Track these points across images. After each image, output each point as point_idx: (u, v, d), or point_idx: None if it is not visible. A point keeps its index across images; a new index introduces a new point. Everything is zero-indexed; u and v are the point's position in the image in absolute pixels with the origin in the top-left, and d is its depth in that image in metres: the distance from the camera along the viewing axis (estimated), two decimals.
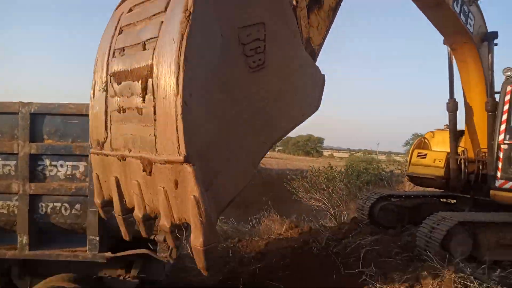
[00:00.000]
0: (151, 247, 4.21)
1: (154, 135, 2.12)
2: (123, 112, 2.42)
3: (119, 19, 2.57)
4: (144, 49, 2.17)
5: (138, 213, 2.50)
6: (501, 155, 7.85)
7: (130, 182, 2.50)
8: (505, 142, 7.83)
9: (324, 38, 3.21)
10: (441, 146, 9.69)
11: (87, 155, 4.20)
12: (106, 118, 2.61)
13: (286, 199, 15.47)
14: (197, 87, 1.91)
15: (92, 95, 2.76)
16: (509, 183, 7.70)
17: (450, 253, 6.61)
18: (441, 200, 9.89)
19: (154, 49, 2.04)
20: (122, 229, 2.82)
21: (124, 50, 2.40)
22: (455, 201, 9.61)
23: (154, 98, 2.06)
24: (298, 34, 2.60)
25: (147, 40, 2.14)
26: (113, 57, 2.50)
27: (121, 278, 4.71)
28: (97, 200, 2.83)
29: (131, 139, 2.41)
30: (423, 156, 9.66)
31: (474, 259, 6.90)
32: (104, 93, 2.62)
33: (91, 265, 4.52)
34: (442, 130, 10.13)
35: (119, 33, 2.52)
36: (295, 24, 2.57)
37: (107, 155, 2.66)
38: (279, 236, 9.93)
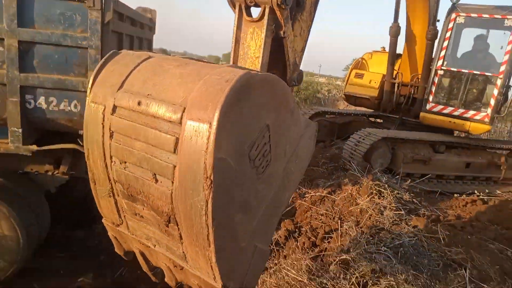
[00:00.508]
0: (80, 142, 4.08)
1: (183, 252, 2.07)
2: (140, 217, 2.22)
3: (104, 116, 2.10)
4: (156, 181, 1.95)
5: (170, 283, 2.50)
6: (436, 80, 8.38)
7: (157, 260, 2.42)
8: (442, 68, 8.32)
9: (306, 41, 3.00)
10: (377, 67, 10.08)
11: (3, 39, 3.75)
12: (118, 210, 2.35)
13: None
14: (225, 234, 1.89)
15: (92, 183, 2.38)
16: (439, 106, 8.38)
17: (370, 164, 7.29)
18: (370, 119, 10.57)
19: (172, 193, 1.86)
20: (153, 278, 2.78)
21: (126, 163, 2.08)
22: (382, 121, 10.32)
23: (178, 228, 1.96)
24: (296, 107, 2.36)
25: (156, 173, 1.92)
26: (111, 162, 2.15)
27: (49, 173, 4.59)
28: (119, 252, 2.68)
29: (154, 239, 2.26)
30: (360, 76, 10.03)
31: (391, 171, 7.70)
32: (111, 194, 2.31)
33: (15, 159, 4.31)
34: (380, 52, 10.45)
35: (110, 136, 2.10)
36: (294, 99, 2.32)
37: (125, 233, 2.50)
38: None
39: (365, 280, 3.86)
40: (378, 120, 10.50)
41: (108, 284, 4.08)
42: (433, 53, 8.62)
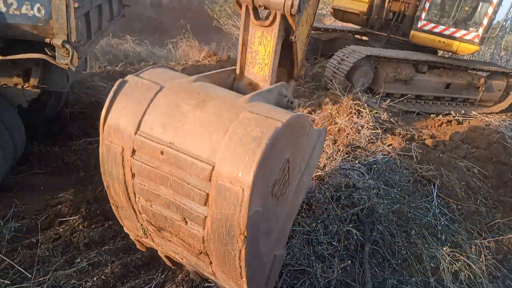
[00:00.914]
0: (48, 52, 3.82)
1: (213, 271, 2.15)
2: (168, 240, 2.24)
3: (123, 157, 2.04)
4: (186, 223, 1.96)
5: (195, 279, 2.68)
6: None
7: (183, 261, 2.46)
8: None
9: (312, 25, 2.89)
10: None
11: None
12: (143, 229, 2.33)
13: (206, 25, 14.79)
14: (254, 265, 1.97)
15: (113, 207, 2.36)
16: (430, 24, 8.12)
17: (352, 84, 7.24)
18: (356, 36, 10.25)
19: (203, 238, 1.92)
20: (174, 267, 3.01)
21: (152, 202, 2.05)
22: (368, 38, 10.03)
23: (209, 257, 2.03)
24: (311, 128, 2.31)
25: (186, 218, 1.95)
26: (135, 197, 2.10)
27: (19, 87, 4.37)
28: (141, 249, 2.74)
29: (183, 255, 2.30)
30: None
31: (371, 91, 7.69)
32: (139, 228, 2.32)
33: None
34: None
35: (133, 176, 2.05)
36: (310, 123, 2.26)
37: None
38: (196, 62, 9.80)
39: (338, 194, 4.05)
40: (364, 38, 10.20)
41: (90, 200, 4.14)
42: None
